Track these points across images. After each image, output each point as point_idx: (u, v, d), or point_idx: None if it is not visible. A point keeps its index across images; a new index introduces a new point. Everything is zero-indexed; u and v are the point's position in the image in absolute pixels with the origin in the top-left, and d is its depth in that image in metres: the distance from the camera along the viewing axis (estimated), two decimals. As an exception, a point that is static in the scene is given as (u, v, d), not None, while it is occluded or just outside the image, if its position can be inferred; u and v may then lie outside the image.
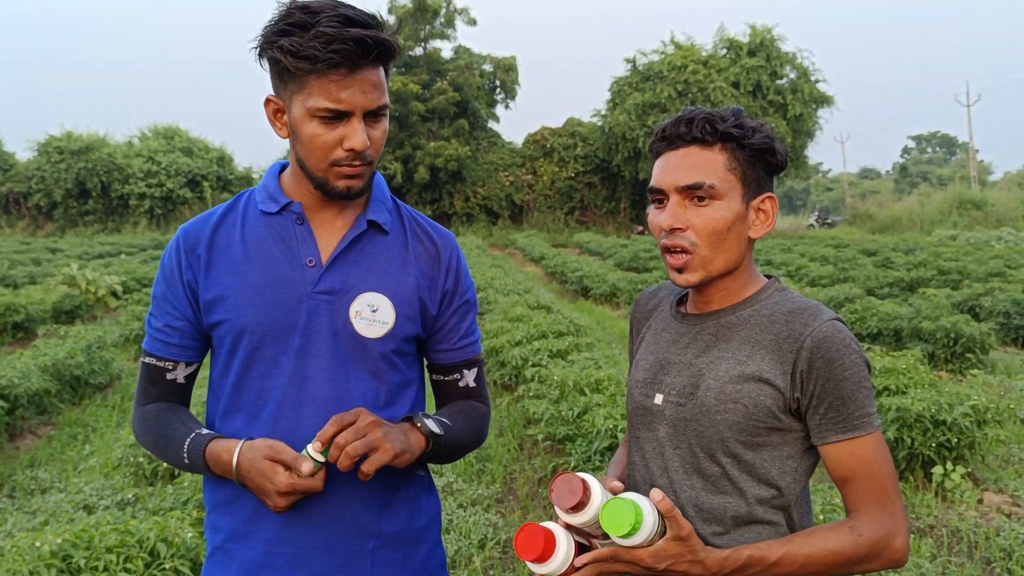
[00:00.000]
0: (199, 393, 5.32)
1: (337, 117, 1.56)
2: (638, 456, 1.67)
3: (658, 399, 1.62)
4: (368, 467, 1.52)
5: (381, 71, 1.60)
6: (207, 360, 1.81)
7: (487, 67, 38.77)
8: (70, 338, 9.15)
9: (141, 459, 5.27)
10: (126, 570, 3.16)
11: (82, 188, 37.94)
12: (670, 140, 1.60)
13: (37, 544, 3.21)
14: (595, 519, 1.44)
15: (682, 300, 1.75)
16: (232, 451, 1.57)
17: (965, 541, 4.55)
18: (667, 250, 1.59)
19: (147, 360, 1.74)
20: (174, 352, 1.72)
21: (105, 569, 3.14)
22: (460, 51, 38.25)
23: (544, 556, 1.45)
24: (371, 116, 1.60)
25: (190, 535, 3.42)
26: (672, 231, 1.57)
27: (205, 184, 39.12)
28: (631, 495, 1.45)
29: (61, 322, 12.23)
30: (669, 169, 1.58)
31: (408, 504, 1.76)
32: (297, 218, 1.69)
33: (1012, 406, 6.68)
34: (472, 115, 37.10)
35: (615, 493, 1.50)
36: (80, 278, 13.87)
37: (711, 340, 1.61)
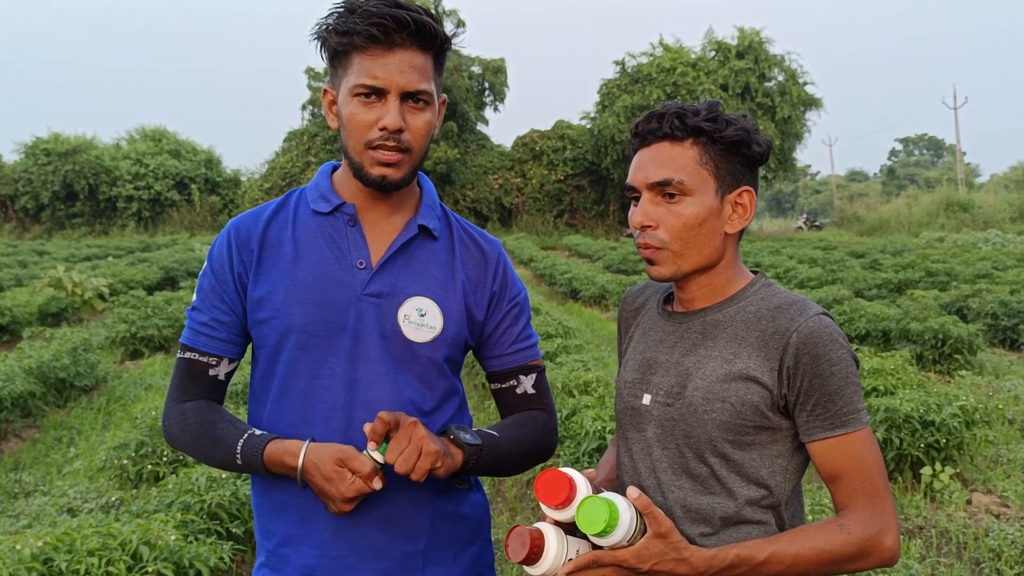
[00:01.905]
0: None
1: (375, 96, 1.57)
2: (626, 457, 1.65)
3: (646, 399, 1.60)
4: (418, 475, 1.50)
5: (428, 60, 1.62)
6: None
7: (476, 69, 38.73)
8: (55, 340, 9.08)
9: (125, 462, 5.22)
10: (108, 573, 3.12)
11: (69, 190, 37.77)
12: (643, 137, 1.59)
13: (17, 547, 3.17)
14: (555, 569, 1.42)
15: (668, 299, 1.73)
16: (297, 454, 1.55)
17: (954, 542, 4.54)
18: (638, 246, 1.58)
19: (188, 355, 1.70)
20: (220, 347, 1.69)
21: (87, 572, 3.10)
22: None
23: (566, 501, 1.41)
24: (412, 101, 1.60)
25: (173, 538, 3.38)
26: (643, 229, 1.56)
27: (193, 186, 39.01)
28: (608, 494, 1.42)
29: (47, 324, 12.14)
30: (640, 166, 1.57)
31: (457, 504, 1.75)
32: (349, 219, 1.69)
33: (1000, 407, 6.73)
34: (461, 117, 37.05)
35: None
36: (66, 280, 13.78)
37: (698, 339, 1.58)
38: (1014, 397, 7.41)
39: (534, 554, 1.40)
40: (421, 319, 1.67)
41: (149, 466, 5.19)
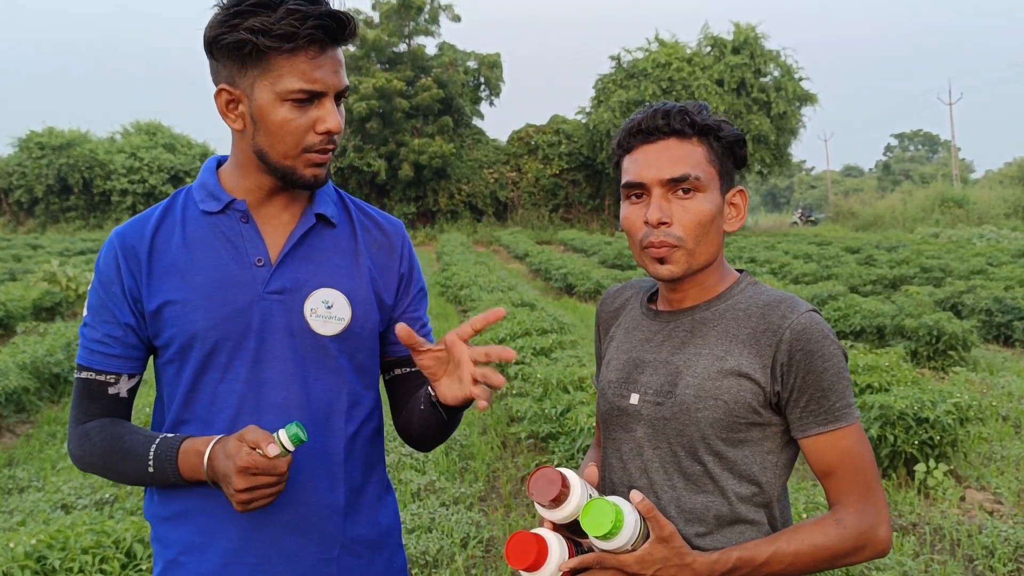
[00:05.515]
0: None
1: (310, 99, 1.50)
2: (615, 458, 1.63)
3: (634, 399, 1.59)
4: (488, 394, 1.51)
5: (341, 51, 1.55)
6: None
7: (472, 64, 38.71)
8: (50, 335, 9.05)
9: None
10: (102, 571, 3.12)
11: (64, 184, 37.68)
12: (647, 133, 1.55)
13: (11, 545, 3.16)
14: (576, 513, 1.39)
15: (652, 298, 1.72)
16: (209, 442, 1.48)
17: (948, 539, 4.55)
18: (651, 244, 1.54)
19: (84, 375, 1.60)
20: (116, 364, 1.59)
21: (80, 570, 3.10)
22: (444, 48, 38.16)
23: (537, 563, 1.39)
24: (337, 98, 1.55)
25: (168, 535, 3.37)
26: (659, 225, 1.53)
27: (188, 180, 38.89)
28: (613, 497, 1.41)
29: (41, 319, 12.11)
30: (649, 162, 1.54)
31: (370, 508, 1.70)
32: (242, 216, 1.60)
33: (994, 403, 6.74)
34: (457, 112, 37.04)
35: (592, 481, 1.49)
36: (61, 275, 13.74)
37: (686, 337, 1.58)
38: (1008, 393, 7.43)
39: (561, 496, 1.38)
40: (328, 311, 1.61)
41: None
